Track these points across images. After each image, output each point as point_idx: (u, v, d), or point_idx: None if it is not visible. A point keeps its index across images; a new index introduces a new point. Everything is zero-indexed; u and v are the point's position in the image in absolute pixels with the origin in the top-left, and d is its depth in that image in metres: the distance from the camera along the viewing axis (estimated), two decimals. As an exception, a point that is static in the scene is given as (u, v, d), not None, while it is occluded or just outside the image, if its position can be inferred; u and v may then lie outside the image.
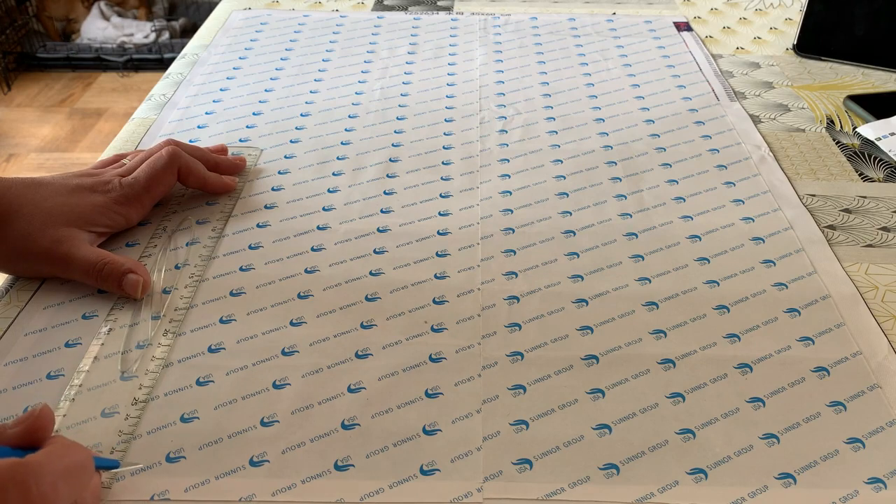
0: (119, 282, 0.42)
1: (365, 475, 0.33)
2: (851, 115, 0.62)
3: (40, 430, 0.30)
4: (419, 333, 0.40)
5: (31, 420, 0.29)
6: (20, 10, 2.29)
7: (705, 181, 0.53)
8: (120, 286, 0.42)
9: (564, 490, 0.33)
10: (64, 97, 2.20)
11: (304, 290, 0.43)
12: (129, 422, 0.35)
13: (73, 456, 0.29)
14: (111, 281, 0.42)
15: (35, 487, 0.26)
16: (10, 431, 0.29)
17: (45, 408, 0.30)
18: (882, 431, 0.35)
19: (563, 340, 0.40)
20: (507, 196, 0.52)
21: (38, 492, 0.26)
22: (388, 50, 0.73)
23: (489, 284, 0.44)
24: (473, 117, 0.61)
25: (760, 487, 0.33)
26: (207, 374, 0.38)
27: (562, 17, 0.80)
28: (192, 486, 0.33)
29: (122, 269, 0.42)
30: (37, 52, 2.31)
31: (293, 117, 0.61)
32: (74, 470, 0.28)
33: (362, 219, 0.49)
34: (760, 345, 0.40)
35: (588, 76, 0.68)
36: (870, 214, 0.50)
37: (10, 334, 0.40)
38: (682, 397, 0.37)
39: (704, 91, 0.65)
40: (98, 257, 0.43)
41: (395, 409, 0.36)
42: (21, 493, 0.26)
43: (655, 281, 0.44)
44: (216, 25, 0.79)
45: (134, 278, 0.42)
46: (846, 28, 0.70)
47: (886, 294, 0.43)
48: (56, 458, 0.28)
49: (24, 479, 0.26)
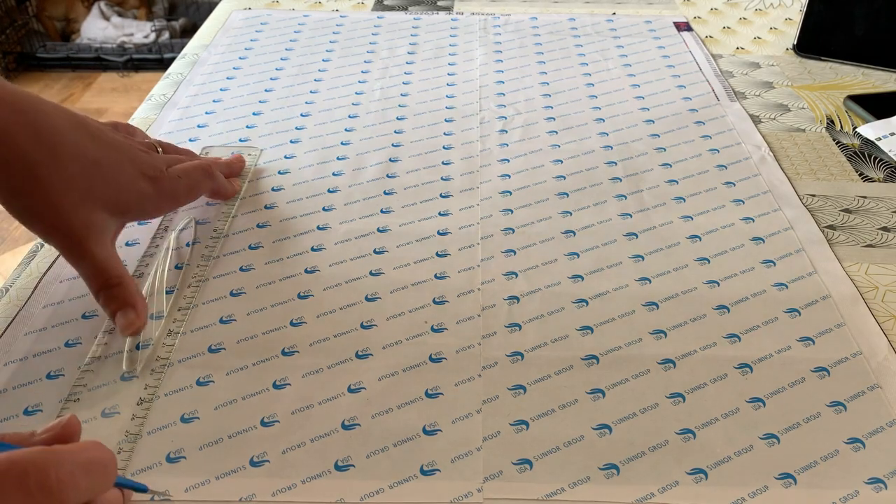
0: (116, 311, 0.39)
1: (365, 475, 0.33)
2: (851, 115, 0.62)
3: (68, 437, 0.30)
4: (419, 333, 0.40)
5: (59, 429, 0.30)
6: (20, 10, 2.29)
7: (705, 181, 0.53)
8: (114, 314, 0.39)
9: (564, 490, 0.33)
10: (64, 97, 2.20)
11: (304, 290, 0.43)
12: (135, 422, 0.35)
13: (96, 453, 0.29)
14: (111, 304, 0.39)
15: (54, 473, 0.26)
16: (38, 438, 0.30)
17: (72, 417, 0.30)
18: (882, 431, 0.35)
19: (563, 340, 0.40)
20: (507, 196, 0.52)
21: (57, 478, 0.26)
22: (388, 50, 0.73)
23: (489, 284, 0.44)
24: (473, 117, 0.61)
25: (760, 487, 0.33)
26: (207, 374, 0.38)
27: (562, 17, 0.80)
28: (192, 486, 0.33)
29: (126, 300, 0.39)
30: (37, 52, 2.31)
31: (293, 117, 0.61)
32: (95, 466, 0.29)
33: (362, 219, 0.49)
34: (760, 345, 0.40)
35: (588, 76, 0.68)
36: (870, 214, 0.50)
37: (9, 334, 0.40)
38: (682, 397, 0.37)
39: (704, 91, 0.65)
40: (116, 272, 0.39)
41: (395, 409, 0.36)
42: (40, 478, 0.26)
43: (655, 281, 0.44)
44: (216, 25, 0.79)
45: (131, 318, 0.39)
46: (846, 28, 0.70)
47: (886, 294, 0.43)
48: (79, 451, 0.28)
49: (45, 465, 0.26)
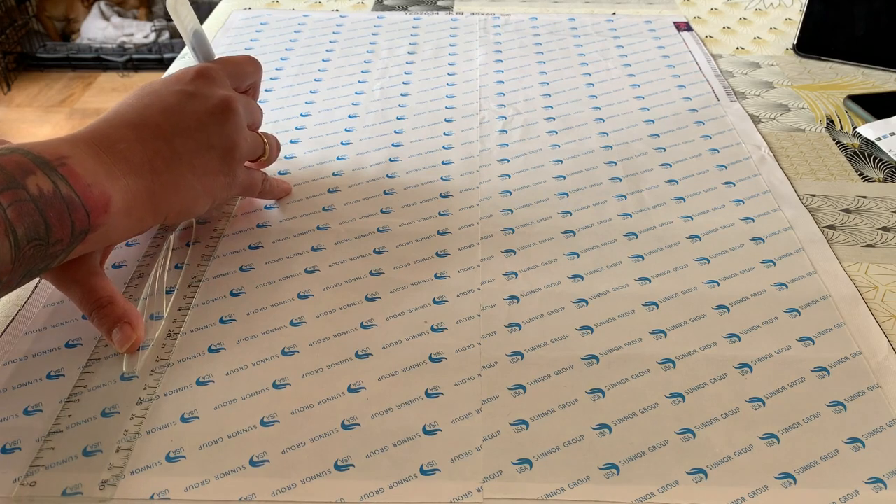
0: (110, 329, 0.38)
1: (365, 475, 0.33)
2: (851, 115, 0.62)
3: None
4: (419, 333, 0.40)
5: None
6: (20, 10, 2.30)
7: (705, 181, 0.53)
8: (109, 333, 0.38)
9: (564, 490, 0.33)
10: (64, 97, 2.20)
11: (303, 291, 0.43)
12: (134, 421, 0.35)
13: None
14: (105, 323, 0.38)
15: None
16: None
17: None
18: (882, 431, 0.35)
19: (563, 340, 0.40)
20: (507, 196, 0.52)
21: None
22: (388, 50, 0.73)
23: (489, 284, 0.44)
24: (473, 117, 0.61)
25: (760, 487, 0.33)
26: (207, 374, 0.38)
27: (562, 17, 0.80)
28: (192, 486, 0.33)
29: (120, 317, 0.38)
30: (37, 52, 2.31)
31: (293, 117, 0.61)
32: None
33: (362, 219, 0.49)
34: (760, 345, 0.40)
35: (588, 76, 0.68)
36: (870, 214, 0.50)
37: (9, 333, 0.40)
38: (682, 397, 0.37)
39: (704, 91, 0.65)
40: (105, 292, 0.39)
41: (395, 409, 0.36)
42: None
43: (655, 281, 0.44)
44: (216, 25, 0.79)
45: (127, 333, 0.38)
46: (846, 28, 0.70)
47: (886, 294, 0.43)
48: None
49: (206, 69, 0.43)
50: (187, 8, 0.45)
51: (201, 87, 0.43)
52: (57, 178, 0.34)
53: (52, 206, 0.33)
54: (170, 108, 0.41)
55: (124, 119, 0.40)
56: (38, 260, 0.33)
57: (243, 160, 0.44)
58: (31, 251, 0.33)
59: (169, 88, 0.42)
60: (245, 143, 0.44)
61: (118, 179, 0.37)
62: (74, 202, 0.34)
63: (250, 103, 0.46)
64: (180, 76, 0.43)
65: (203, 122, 0.41)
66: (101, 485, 0.32)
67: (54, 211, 0.33)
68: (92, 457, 0.33)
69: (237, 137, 0.43)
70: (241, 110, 0.43)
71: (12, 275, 0.32)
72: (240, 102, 0.43)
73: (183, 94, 0.42)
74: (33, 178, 0.33)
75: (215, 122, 0.42)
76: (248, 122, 0.45)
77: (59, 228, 0.34)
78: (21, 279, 0.34)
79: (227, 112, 0.42)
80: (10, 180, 0.32)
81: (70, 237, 0.34)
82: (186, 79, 0.43)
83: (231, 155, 0.42)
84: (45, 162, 0.34)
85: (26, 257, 0.32)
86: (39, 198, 0.33)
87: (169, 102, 0.41)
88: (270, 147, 0.48)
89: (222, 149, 0.42)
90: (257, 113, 0.47)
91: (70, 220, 0.34)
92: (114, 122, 0.39)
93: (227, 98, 0.43)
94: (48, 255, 0.34)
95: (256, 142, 0.46)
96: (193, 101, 0.42)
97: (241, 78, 0.47)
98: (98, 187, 0.35)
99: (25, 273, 0.33)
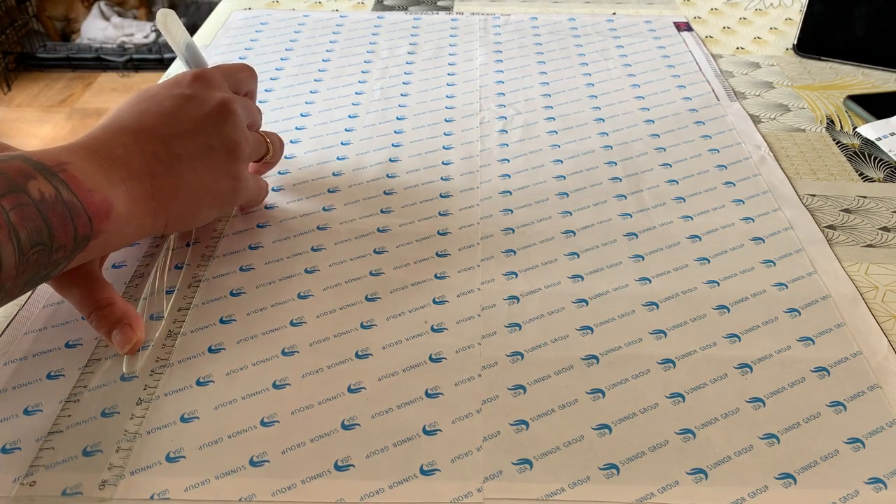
0: (110, 330, 0.38)
1: (365, 475, 0.33)
2: (851, 115, 0.62)
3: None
4: (419, 333, 0.40)
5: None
6: (20, 10, 2.30)
7: (705, 181, 0.53)
8: (108, 335, 0.38)
9: (564, 490, 0.33)
10: (64, 97, 2.20)
11: (304, 290, 0.43)
12: (134, 421, 0.35)
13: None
14: (104, 325, 0.38)
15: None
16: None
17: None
18: (882, 431, 0.35)
19: (563, 340, 0.40)
20: (507, 196, 0.52)
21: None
22: (388, 50, 0.73)
23: (489, 284, 0.44)
24: (473, 117, 0.61)
25: (760, 487, 0.33)
26: (207, 374, 0.38)
27: (562, 17, 0.80)
28: (192, 486, 0.33)
29: (119, 318, 0.38)
30: (37, 52, 2.31)
31: (293, 117, 0.61)
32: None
33: (362, 219, 0.49)
34: (760, 345, 0.40)
35: (588, 76, 0.68)
36: (870, 214, 0.50)
37: (9, 333, 0.40)
38: (682, 397, 0.37)
39: (704, 91, 0.65)
40: (104, 294, 0.39)
41: (395, 409, 0.36)
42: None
43: (655, 281, 0.44)
44: (216, 25, 0.79)
45: (128, 334, 0.38)
46: (846, 28, 0.70)
47: (886, 294, 0.43)
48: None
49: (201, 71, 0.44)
50: (177, 23, 0.45)
51: (199, 91, 0.43)
52: (58, 182, 0.34)
53: (54, 210, 0.33)
54: (167, 111, 0.41)
55: (122, 125, 0.40)
56: (41, 266, 0.33)
57: (247, 160, 0.44)
58: (35, 256, 0.32)
59: (166, 93, 0.42)
60: (246, 142, 0.43)
61: (118, 185, 0.37)
62: (76, 207, 0.34)
63: (248, 104, 0.46)
64: (177, 80, 0.43)
65: (201, 125, 0.41)
66: (101, 485, 0.32)
67: (57, 215, 0.33)
68: (92, 457, 0.33)
69: (237, 137, 0.42)
70: (240, 111, 0.43)
71: (15, 280, 0.32)
72: (238, 103, 0.43)
73: (180, 97, 0.42)
74: (34, 183, 0.33)
75: (214, 123, 0.42)
76: (247, 123, 0.45)
77: (62, 233, 0.34)
78: (23, 287, 0.33)
79: (225, 113, 0.42)
80: (11, 184, 0.32)
81: (73, 243, 0.34)
82: (184, 83, 0.43)
83: (234, 154, 0.42)
84: (45, 167, 0.34)
85: (30, 262, 0.32)
86: (41, 202, 0.33)
87: (166, 106, 0.41)
88: (274, 146, 0.48)
89: (223, 149, 0.42)
90: (256, 113, 0.47)
91: (73, 224, 0.34)
92: (111, 128, 0.39)
93: (225, 99, 0.43)
94: (51, 262, 0.34)
95: (259, 141, 0.46)
96: (191, 104, 0.42)
97: (237, 84, 0.47)
98: (99, 193, 0.35)
99: (28, 280, 0.33)
